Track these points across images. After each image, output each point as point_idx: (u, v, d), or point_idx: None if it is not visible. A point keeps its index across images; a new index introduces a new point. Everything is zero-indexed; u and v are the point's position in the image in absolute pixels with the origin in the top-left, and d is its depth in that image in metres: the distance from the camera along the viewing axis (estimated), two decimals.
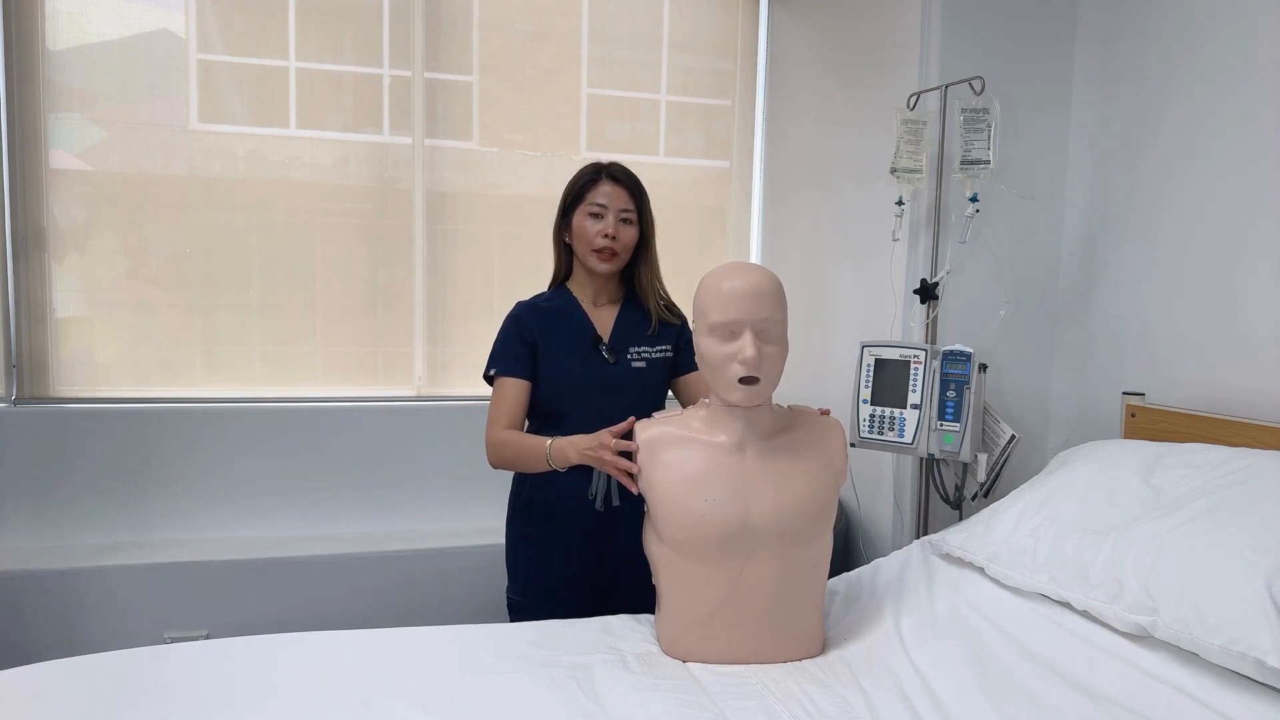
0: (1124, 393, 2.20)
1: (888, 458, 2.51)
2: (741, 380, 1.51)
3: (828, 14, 2.91)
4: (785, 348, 1.56)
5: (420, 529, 2.89)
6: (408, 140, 2.94)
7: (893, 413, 2.17)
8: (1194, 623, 1.32)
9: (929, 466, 2.30)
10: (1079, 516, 1.65)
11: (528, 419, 1.91)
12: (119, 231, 2.73)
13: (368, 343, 2.96)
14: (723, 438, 1.59)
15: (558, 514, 1.88)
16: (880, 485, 2.58)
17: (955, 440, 2.09)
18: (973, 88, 2.16)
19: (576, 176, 1.93)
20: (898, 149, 2.26)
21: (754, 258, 3.31)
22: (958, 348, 2.11)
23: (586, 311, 1.93)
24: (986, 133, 2.13)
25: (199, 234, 2.79)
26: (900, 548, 2.02)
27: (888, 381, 2.19)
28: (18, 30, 2.60)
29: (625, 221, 1.89)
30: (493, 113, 3.02)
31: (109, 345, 2.75)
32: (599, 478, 1.84)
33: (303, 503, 2.82)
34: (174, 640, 2.40)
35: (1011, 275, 2.41)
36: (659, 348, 1.95)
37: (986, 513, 1.87)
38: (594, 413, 1.78)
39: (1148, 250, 2.20)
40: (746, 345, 1.49)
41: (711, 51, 3.22)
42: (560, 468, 1.72)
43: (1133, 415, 2.12)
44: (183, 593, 2.49)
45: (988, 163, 2.14)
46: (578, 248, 1.92)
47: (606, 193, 1.88)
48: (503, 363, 1.89)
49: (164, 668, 1.50)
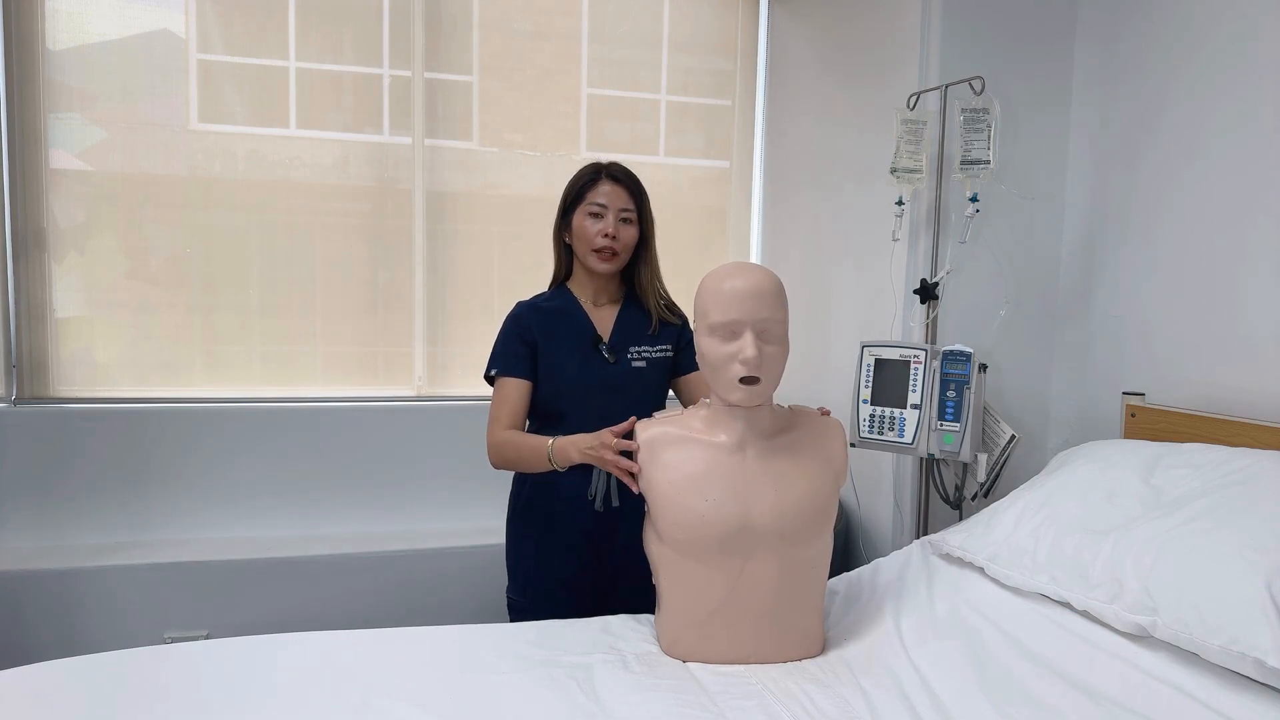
0: (1124, 393, 2.20)
1: (888, 458, 2.51)
2: (742, 380, 1.51)
3: (828, 14, 2.91)
4: (786, 348, 1.56)
5: (420, 529, 2.89)
6: (408, 140, 2.94)
7: (893, 413, 2.18)
8: (1194, 623, 1.32)
9: (929, 466, 2.30)
10: (1079, 516, 1.65)
11: (528, 419, 1.91)
12: (119, 231, 2.73)
13: (368, 343, 2.96)
14: (723, 438, 1.59)
15: (558, 514, 1.88)
16: (880, 485, 2.58)
17: (955, 440, 2.09)
18: (973, 88, 2.16)
19: (576, 176, 1.93)
20: (898, 149, 2.26)
21: (754, 258, 3.31)
22: (958, 348, 2.11)
23: (587, 311, 1.93)
24: (986, 133, 2.13)
25: (199, 234, 2.79)
26: (900, 548, 2.02)
27: (888, 381, 2.19)
28: (18, 30, 2.60)
29: (625, 221, 1.89)
30: (493, 113, 3.02)
31: (109, 345, 2.75)
32: (598, 478, 1.84)
33: (303, 503, 2.82)
34: (174, 640, 2.40)
35: (1011, 275, 2.41)
36: (659, 347, 1.95)
37: (986, 513, 1.87)
38: (594, 412, 1.78)
39: (1148, 250, 2.20)
40: (747, 345, 1.49)
41: (711, 51, 3.22)
42: (561, 467, 1.72)
43: (1133, 415, 2.12)
44: (183, 593, 2.49)
45: (988, 163, 2.14)
46: (578, 248, 1.92)
47: (606, 192, 1.88)
48: (503, 363, 1.89)
49: (164, 668, 1.50)
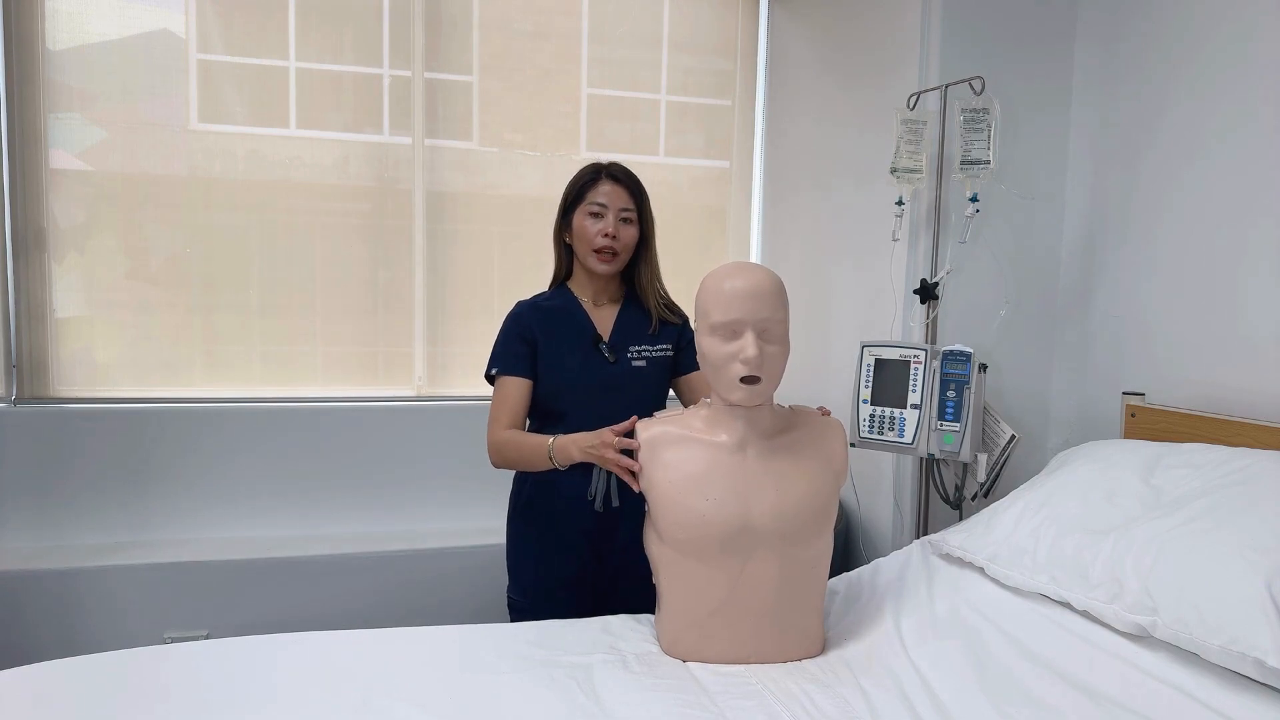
0: (1124, 393, 2.20)
1: (888, 458, 2.51)
2: (743, 380, 1.51)
3: (828, 14, 2.91)
4: (787, 348, 1.56)
5: (420, 529, 2.89)
6: (408, 140, 2.94)
7: (893, 413, 2.18)
8: (1194, 623, 1.32)
9: (929, 466, 2.30)
10: (1079, 516, 1.65)
11: (528, 418, 1.91)
12: (119, 231, 2.73)
13: (368, 343, 2.96)
14: (724, 437, 1.59)
15: (558, 514, 1.88)
16: (880, 485, 2.58)
17: (955, 440, 2.09)
18: (973, 88, 2.16)
19: (577, 176, 1.93)
20: (898, 149, 2.26)
21: (754, 258, 3.31)
22: (958, 348, 2.11)
23: (587, 311, 1.93)
24: (986, 133, 2.13)
25: (199, 234, 2.79)
26: (900, 548, 2.02)
27: (888, 381, 2.19)
28: (18, 30, 2.60)
29: (625, 221, 1.89)
30: (493, 113, 3.02)
31: (109, 345, 2.75)
32: (598, 478, 1.84)
33: (303, 503, 2.82)
34: (174, 640, 2.40)
35: (1011, 275, 2.41)
36: (659, 346, 1.95)
37: (986, 513, 1.87)
38: (594, 412, 1.78)
39: (1148, 250, 2.20)
40: (748, 345, 1.49)
41: (711, 51, 3.22)
42: (562, 466, 1.72)
43: (1133, 415, 2.12)
44: (183, 593, 2.49)
45: (988, 163, 2.14)
46: (578, 248, 1.92)
47: (607, 192, 1.88)
48: (504, 362, 1.89)
49: (164, 668, 1.50)
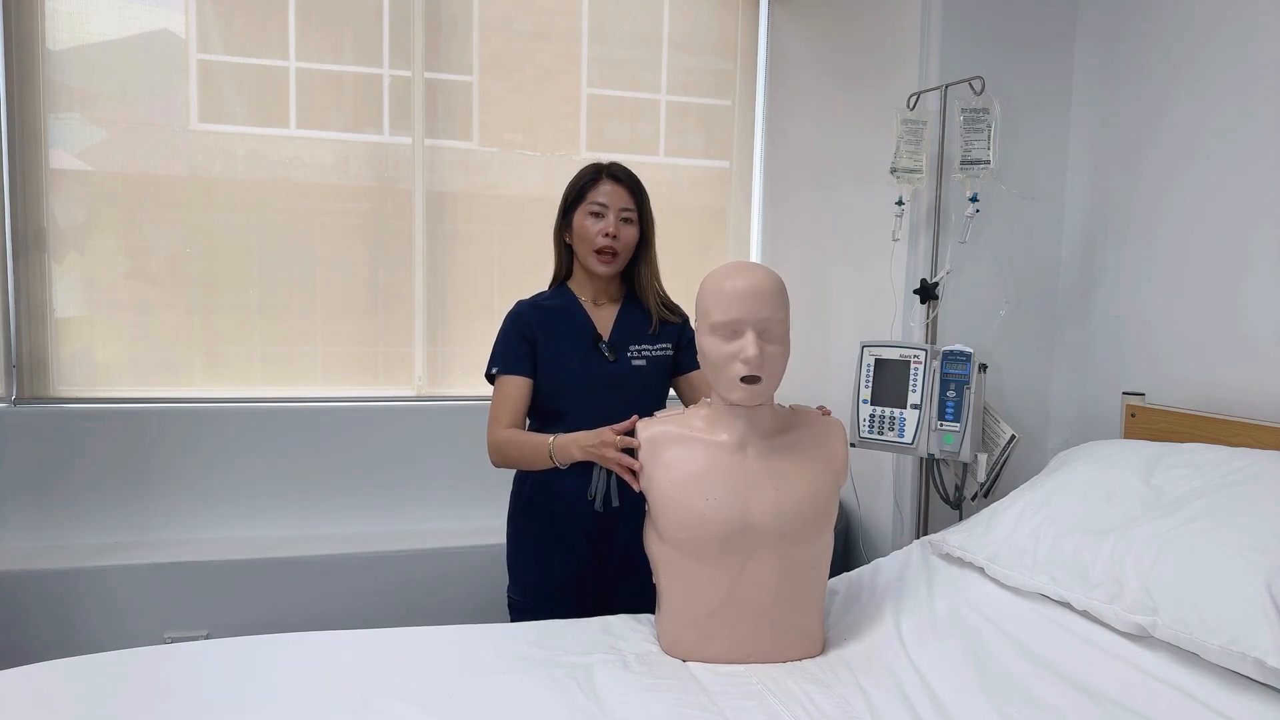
0: (1124, 393, 2.20)
1: (888, 458, 2.51)
2: (743, 379, 1.51)
3: (828, 14, 2.91)
4: (787, 347, 1.56)
5: (420, 529, 2.89)
6: (408, 140, 2.94)
7: (893, 413, 2.18)
8: (1194, 623, 1.32)
9: (929, 466, 2.30)
10: (1079, 516, 1.65)
11: (528, 418, 1.91)
12: (119, 231, 2.73)
13: (368, 343, 2.96)
14: (724, 437, 1.59)
15: (558, 514, 1.88)
16: (880, 485, 2.58)
17: (955, 440, 2.09)
18: (973, 88, 2.16)
19: (577, 176, 1.93)
20: (898, 149, 2.26)
21: (754, 258, 3.31)
22: (958, 348, 2.11)
23: (587, 310, 1.93)
24: (986, 133, 2.13)
25: (199, 234, 2.79)
26: (900, 548, 2.02)
27: (888, 381, 2.19)
28: (18, 30, 2.60)
29: (626, 221, 1.89)
30: (493, 113, 3.02)
31: (109, 345, 2.75)
32: (598, 478, 1.84)
33: (303, 503, 2.82)
34: (174, 640, 2.40)
35: (1011, 275, 2.41)
36: (659, 346, 1.95)
37: (986, 513, 1.87)
38: (594, 411, 1.78)
39: (1148, 250, 2.20)
40: (748, 344, 1.49)
41: (711, 51, 3.22)
42: (563, 465, 1.72)
43: (1133, 415, 2.12)
44: (183, 593, 2.49)
45: (988, 163, 2.14)
46: (578, 247, 1.92)
47: (607, 192, 1.88)
48: (504, 361, 1.89)
49: (164, 668, 1.50)
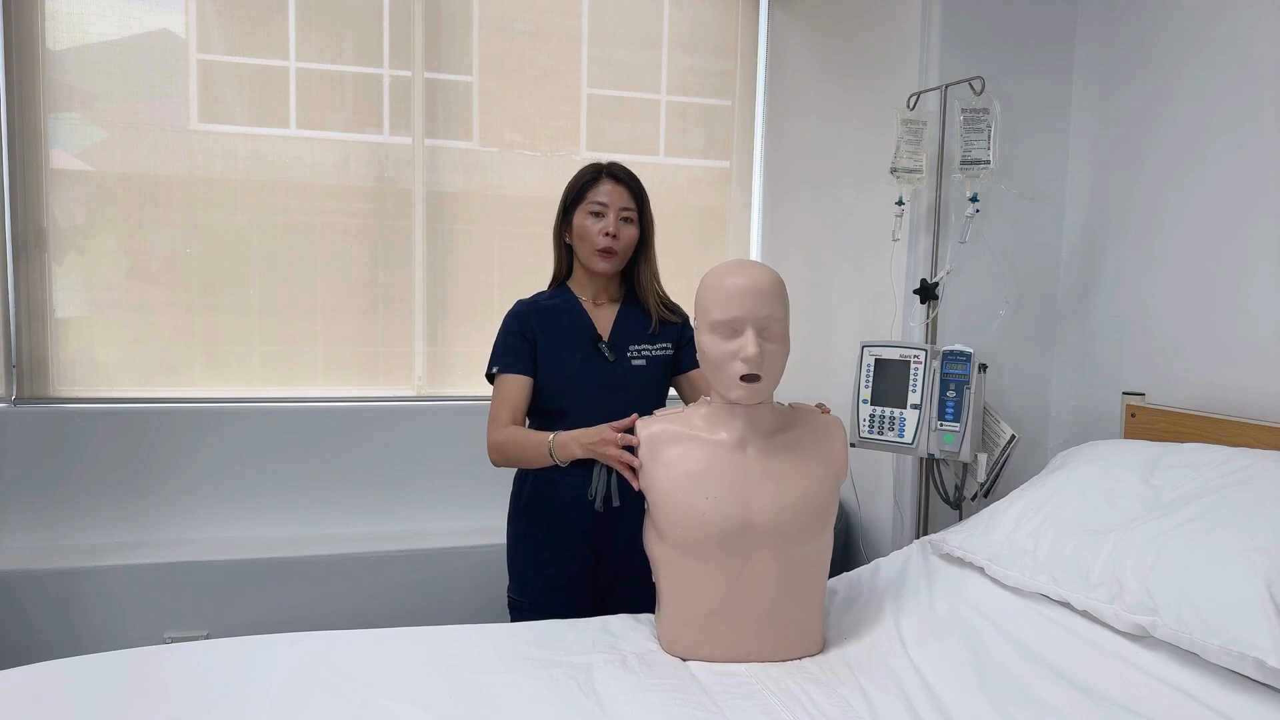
0: (1124, 393, 2.20)
1: (888, 458, 2.51)
2: (743, 378, 1.50)
3: (828, 14, 2.91)
4: (787, 346, 1.56)
5: (420, 529, 2.89)
6: (408, 140, 2.94)
7: (893, 413, 2.17)
8: (1194, 623, 1.32)
9: (929, 466, 2.30)
10: (1079, 516, 1.65)
11: (528, 418, 1.91)
12: (119, 231, 2.73)
13: (368, 343, 2.96)
14: (724, 435, 1.59)
15: (558, 514, 1.88)
16: (880, 485, 2.58)
17: (955, 440, 2.09)
18: (973, 88, 2.16)
19: (577, 176, 1.93)
20: (898, 149, 2.26)
21: (754, 258, 3.31)
22: (958, 348, 2.11)
23: (587, 310, 1.94)
24: (986, 133, 2.13)
25: (199, 234, 2.79)
26: (900, 548, 2.02)
27: (888, 381, 2.19)
28: (18, 30, 2.60)
29: (626, 220, 1.89)
30: (493, 113, 3.02)
31: (109, 345, 2.75)
32: (599, 477, 1.84)
33: (303, 503, 2.82)
34: (174, 640, 2.40)
35: (1011, 275, 2.41)
36: (659, 346, 1.95)
37: (986, 513, 1.87)
38: (594, 411, 1.77)
39: (1148, 250, 2.20)
40: (748, 343, 1.49)
41: (711, 51, 3.22)
42: (563, 462, 1.72)
43: (1133, 415, 2.12)
44: (183, 593, 2.49)
45: (988, 163, 2.14)
46: (578, 247, 1.92)
47: (607, 191, 1.88)
48: (504, 361, 1.89)
49: (164, 668, 1.50)
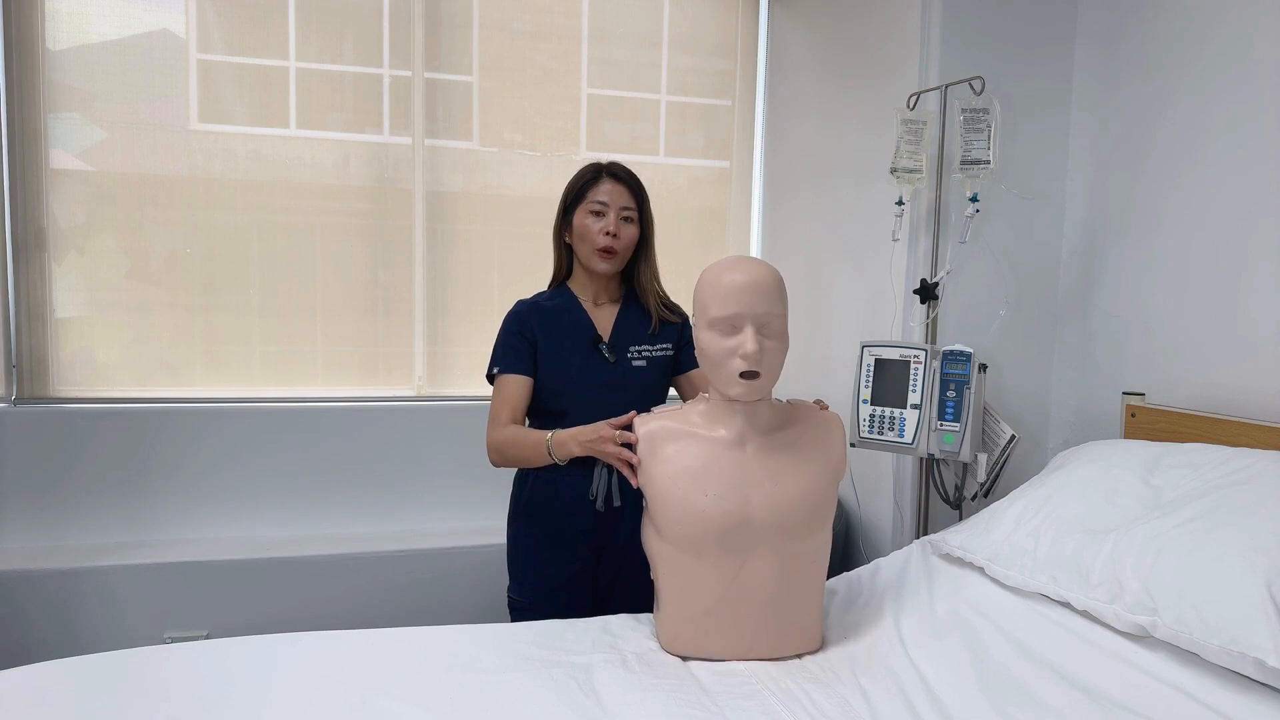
0: (1124, 393, 2.20)
1: (888, 458, 2.51)
2: (742, 375, 1.50)
3: (828, 14, 2.91)
4: (786, 343, 1.55)
5: (420, 529, 2.89)
6: (408, 140, 2.94)
7: (893, 413, 2.17)
8: (1194, 623, 1.32)
9: (929, 466, 2.30)
10: (1079, 516, 1.65)
11: (528, 418, 1.91)
12: (119, 231, 2.73)
13: (368, 343, 2.96)
14: (722, 432, 1.58)
15: (558, 514, 1.88)
16: (880, 485, 2.58)
17: (955, 440, 2.09)
18: (973, 88, 2.16)
19: (578, 175, 1.93)
20: (898, 149, 2.26)
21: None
22: (958, 348, 2.11)
23: (587, 310, 1.93)
24: (986, 133, 2.13)
25: (199, 234, 2.79)
26: (900, 548, 2.02)
27: (888, 381, 2.19)
28: (18, 30, 2.60)
29: (626, 220, 1.89)
30: (493, 113, 3.02)
31: (109, 345, 2.75)
32: (599, 477, 1.83)
33: (303, 503, 2.82)
34: (174, 640, 2.40)
35: (1011, 275, 2.41)
36: (659, 346, 1.95)
37: (986, 513, 1.87)
38: (595, 411, 1.77)
39: (1148, 250, 2.20)
40: (747, 339, 1.49)
41: (711, 51, 3.22)
42: (562, 460, 1.72)
43: (1133, 415, 2.12)
44: (183, 593, 2.49)
45: (988, 163, 2.14)
46: (579, 247, 1.92)
47: (608, 191, 1.88)
48: (504, 361, 1.89)
49: (164, 668, 1.50)
